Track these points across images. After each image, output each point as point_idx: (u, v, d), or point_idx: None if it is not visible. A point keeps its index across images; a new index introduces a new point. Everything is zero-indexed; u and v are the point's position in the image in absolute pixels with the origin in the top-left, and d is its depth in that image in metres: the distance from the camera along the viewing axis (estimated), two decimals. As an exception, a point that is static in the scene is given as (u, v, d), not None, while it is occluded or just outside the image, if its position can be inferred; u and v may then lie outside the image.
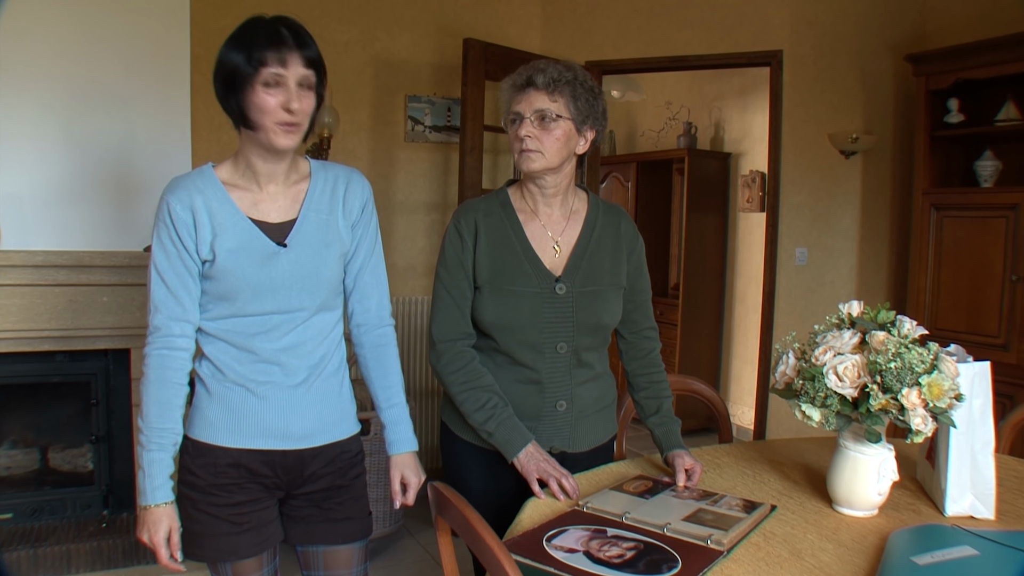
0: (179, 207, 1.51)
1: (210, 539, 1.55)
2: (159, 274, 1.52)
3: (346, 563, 1.68)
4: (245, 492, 1.56)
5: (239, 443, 1.55)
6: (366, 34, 3.88)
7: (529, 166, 1.72)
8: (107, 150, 3.01)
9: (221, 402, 1.56)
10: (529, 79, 1.71)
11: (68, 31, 2.91)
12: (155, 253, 1.52)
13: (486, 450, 1.78)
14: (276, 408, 1.57)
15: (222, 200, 1.53)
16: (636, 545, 1.36)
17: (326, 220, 1.61)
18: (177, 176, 1.56)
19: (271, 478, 1.58)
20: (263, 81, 1.44)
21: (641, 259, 1.90)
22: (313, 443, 1.61)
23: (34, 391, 3.14)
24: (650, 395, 1.90)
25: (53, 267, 2.84)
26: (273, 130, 1.47)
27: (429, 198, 4.14)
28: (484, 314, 1.75)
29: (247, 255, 1.52)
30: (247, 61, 1.44)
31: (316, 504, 1.64)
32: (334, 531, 1.66)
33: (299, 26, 1.50)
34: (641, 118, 6.39)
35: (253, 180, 1.57)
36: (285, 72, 1.44)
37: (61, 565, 2.85)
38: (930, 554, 1.31)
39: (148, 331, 1.54)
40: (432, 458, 4.14)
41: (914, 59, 3.75)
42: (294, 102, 1.45)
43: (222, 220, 1.52)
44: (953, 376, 1.45)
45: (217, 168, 1.57)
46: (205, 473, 1.54)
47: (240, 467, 1.55)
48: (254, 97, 1.45)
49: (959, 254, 3.63)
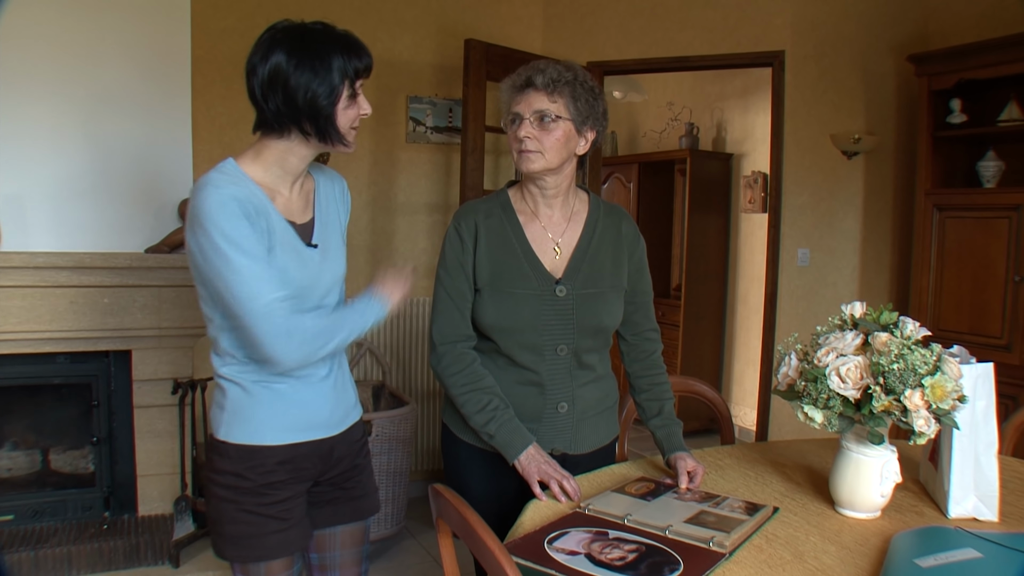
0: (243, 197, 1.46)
1: (259, 539, 1.56)
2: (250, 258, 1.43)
3: (359, 540, 1.77)
4: (290, 488, 1.59)
5: (288, 439, 1.57)
6: (367, 35, 3.81)
7: (528, 167, 1.71)
8: (108, 151, 3.01)
9: (266, 403, 1.56)
10: (528, 80, 1.70)
11: (69, 33, 2.92)
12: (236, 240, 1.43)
13: (487, 452, 1.78)
14: (316, 401, 1.62)
15: (264, 201, 1.51)
16: (638, 547, 1.35)
17: (333, 217, 1.68)
18: (216, 172, 1.48)
19: (310, 469, 1.62)
20: (351, 94, 1.52)
21: (642, 260, 1.89)
22: (342, 428, 1.68)
23: (35, 393, 3.14)
24: (651, 397, 1.89)
25: (54, 268, 2.84)
26: (349, 139, 1.55)
27: (430, 199, 4.13)
28: (484, 316, 1.75)
29: (294, 256, 1.54)
30: (341, 77, 1.49)
31: (339, 486, 1.71)
32: (356, 508, 1.74)
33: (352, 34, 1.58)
34: (643, 119, 6.38)
35: (281, 181, 1.57)
36: (363, 82, 1.55)
37: (62, 567, 2.85)
38: (933, 556, 1.30)
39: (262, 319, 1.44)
40: (433, 460, 4.13)
41: (916, 59, 3.74)
42: (364, 109, 1.57)
43: (271, 222, 1.51)
44: (956, 377, 1.44)
45: (242, 165, 1.53)
46: (254, 475, 1.55)
47: (287, 463, 1.58)
48: (347, 110, 1.52)
49: (961, 255, 3.62)
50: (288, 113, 1.48)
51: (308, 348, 1.50)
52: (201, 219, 1.43)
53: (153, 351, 3.08)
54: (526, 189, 1.81)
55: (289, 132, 1.51)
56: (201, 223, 1.43)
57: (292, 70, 1.46)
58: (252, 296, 1.43)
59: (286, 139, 1.52)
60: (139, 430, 3.11)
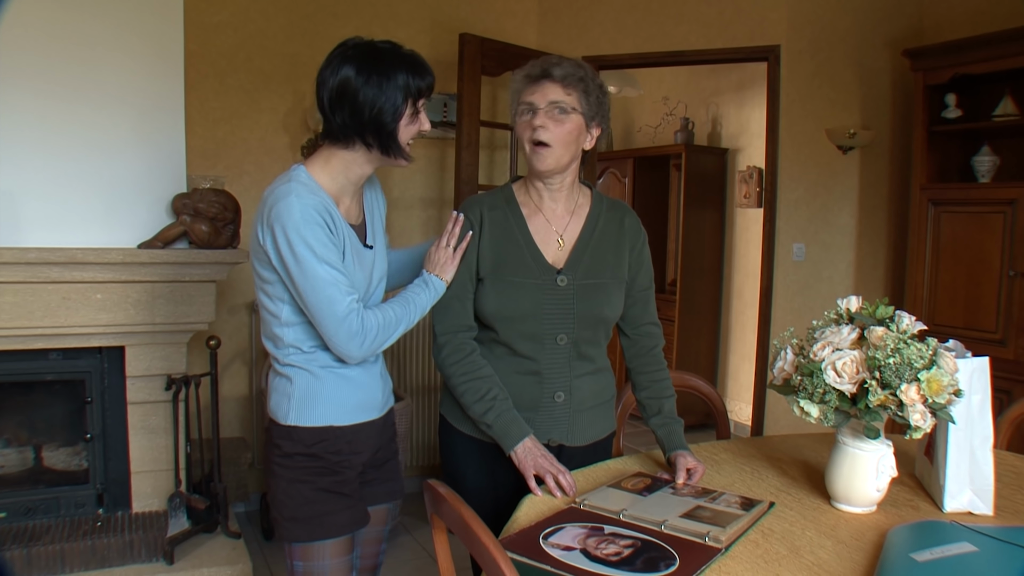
0: (323, 208, 1.57)
1: (333, 515, 1.65)
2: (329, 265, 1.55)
3: (384, 520, 1.86)
4: (353, 467, 1.70)
5: (353, 419, 1.68)
6: (362, 29, 3.79)
7: (541, 165, 1.74)
8: (100, 146, 2.98)
9: (333, 387, 1.66)
10: (545, 71, 1.74)
11: (61, 27, 2.89)
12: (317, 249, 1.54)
13: (484, 443, 1.79)
14: (371, 384, 1.73)
15: (334, 209, 1.61)
16: (633, 543, 1.35)
17: (378, 217, 1.80)
18: (295, 183, 1.57)
19: (366, 449, 1.73)
20: (414, 112, 1.61)
21: (643, 253, 1.90)
22: (386, 410, 1.80)
23: (28, 389, 3.12)
24: (652, 395, 1.89)
25: (46, 264, 2.82)
26: (407, 152, 1.65)
27: (425, 194, 4.12)
28: (486, 304, 1.77)
29: (356, 257, 1.65)
30: (405, 95, 1.58)
31: (377, 467, 1.81)
32: (388, 490, 1.84)
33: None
34: (638, 114, 6.37)
35: (345, 190, 1.67)
36: (424, 101, 1.63)
37: (55, 565, 2.83)
38: (929, 551, 1.30)
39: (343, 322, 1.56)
40: (428, 455, 4.13)
41: (912, 54, 3.74)
42: (424, 126, 1.66)
43: (340, 227, 1.61)
44: (952, 372, 1.44)
45: (312, 173, 1.62)
46: (327, 454, 1.65)
47: (352, 442, 1.68)
48: (408, 126, 1.61)
49: (956, 249, 3.62)
50: (353, 126, 1.58)
51: (378, 342, 1.63)
52: (285, 227, 1.53)
53: (147, 347, 3.07)
54: (531, 183, 1.84)
55: (354, 144, 1.61)
56: (284, 231, 1.53)
57: (360, 85, 1.56)
58: (331, 302, 1.55)
59: (351, 150, 1.62)
60: (133, 427, 3.10)
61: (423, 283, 1.75)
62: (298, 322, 1.63)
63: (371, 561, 1.87)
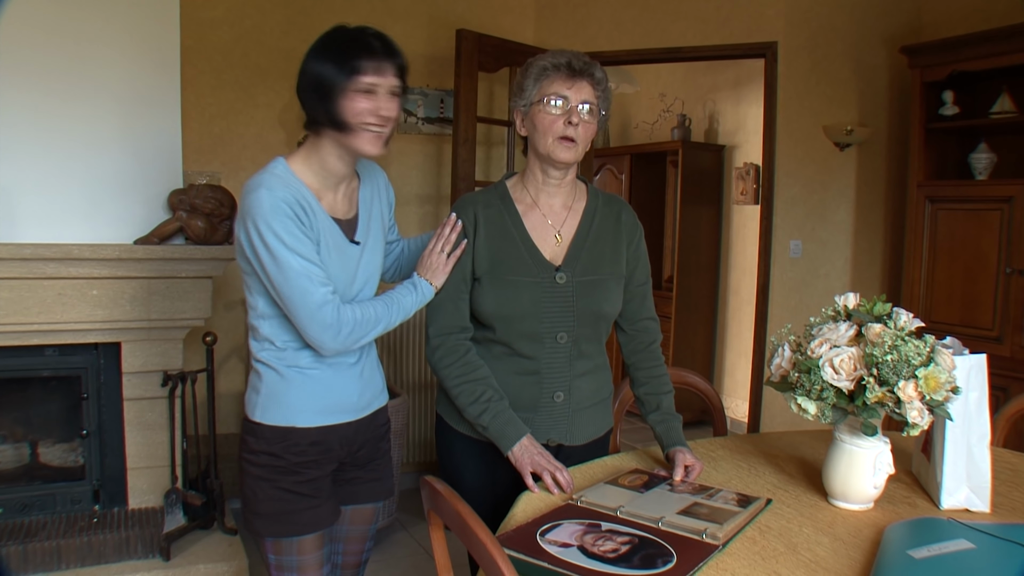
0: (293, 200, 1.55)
1: (293, 515, 1.65)
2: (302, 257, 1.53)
3: (369, 519, 1.86)
4: (320, 467, 1.69)
5: (319, 421, 1.67)
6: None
7: (565, 156, 1.72)
8: (96, 142, 2.97)
9: (299, 386, 1.66)
10: (585, 69, 1.73)
11: (57, 22, 2.88)
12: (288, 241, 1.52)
13: (482, 443, 1.78)
14: (345, 386, 1.71)
15: (312, 199, 1.60)
16: (631, 539, 1.34)
17: (376, 213, 1.77)
18: (267, 175, 1.57)
19: (337, 451, 1.72)
20: (357, 88, 1.54)
21: (641, 249, 1.90)
22: (367, 412, 1.77)
23: (24, 385, 3.11)
24: (650, 391, 1.89)
25: (41, 260, 2.81)
26: (362, 137, 1.57)
27: (422, 190, 4.11)
28: (484, 304, 1.75)
29: (336, 252, 1.63)
30: (342, 70, 1.53)
31: (361, 467, 1.80)
32: (373, 490, 1.83)
33: (388, 37, 1.61)
34: (635, 110, 6.37)
35: (327, 182, 1.65)
36: (379, 80, 1.56)
37: (51, 561, 2.83)
38: (926, 547, 1.30)
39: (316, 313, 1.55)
40: (425, 452, 4.13)
41: (909, 51, 3.74)
42: (384, 109, 1.57)
43: (319, 219, 1.60)
44: (949, 369, 1.44)
45: (291, 166, 1.62)
46: (288, 454, 1.64)
47: (319, 444, 1.67)
48: (349, 104, 1.54)
49: (953, 247, 3.63)
50: (307, 104, 1.59)
51: (353, 337, 1.61)
52: (255, 219, 1.53)
53: (143, 343, 3.06)
54: (531, 176, 1.81)
55: (319, 128, 1.60)
56: (255, 223, 1.53)
57: (312, 62, 1.57)
58: (304, 293, 1.54)
59: (320, 136, 1.61)
60: (129, 423, 3.09)
61: (411, 285, 1.73)
62: (272, 315, 1.63)
63: (355, 558, 1.87)
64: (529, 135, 1.78)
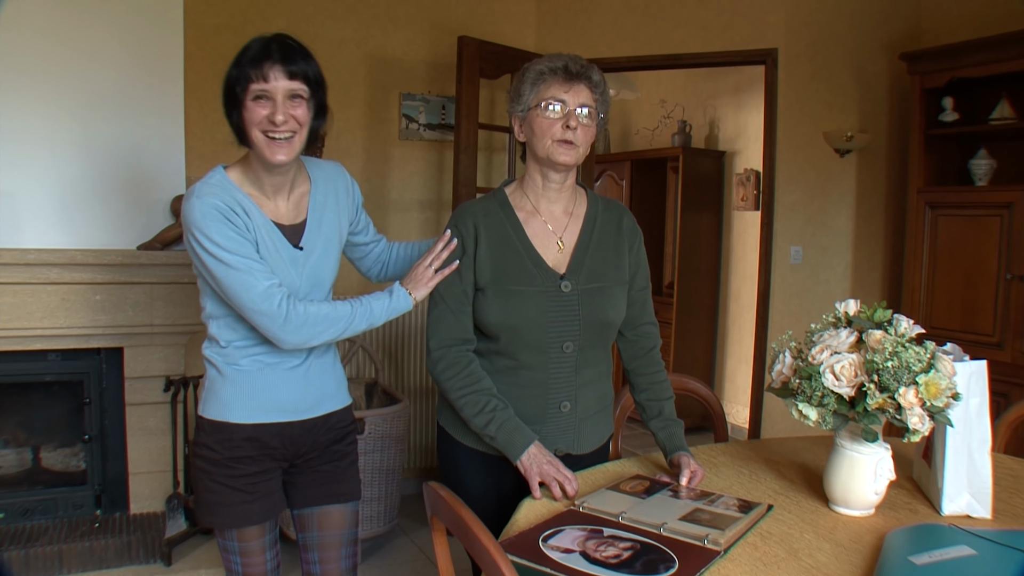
0: (223, 205, 1.58)
1: (225, 507, 1.70)
2: (238, 255, 1.56)
3: (339, 523, 1.85)
4: (257, 464, 1.71)
5: (253, 419, 1.70)
6: (360, 32, 3.87)
7: (565, 159, 1.71)
8: (100, 148, 2.99)
9: (234, 383, 1.70)
10: (583, 72, 1.71)
11: (61, 29, 2.90)
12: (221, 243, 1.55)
13: (485, 453, 1.77)
14: (284, 386, 1.72)
15: (249, 204, 1.62)
16: (633, 545, 1.35)
17: (330, 219, 1.75)
18: (202, 183, 1.61)
19: (280, 449, 1.74)
20: (252, 96, 1.55)
21: (641, 253, 1.89)
22: (316, 413, 1.77)
23: (26, 390, 3.12)
24: (651, 396, 1.88)
25: (45, 265, 2.82)
26: (264, 144, 1.57)
27: (423, 196, 4.12)
28: (489, 315, 1.72)
29: (276, 257, 1.65)
30: (237, 79, 1.56)
31: (316, 469, 1.81)
32: (332, 492, 1.83)
33: (290, 42, 1.58)
34: (636, 116, 6.38)
35: (263, 187, 1.67)
36: (268, 86, 1.54)
37: (53, 565, 2.83)
38: (927, 554, 1.31)
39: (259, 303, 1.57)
40: (426, 458, 4.13)
41: (909, 58, 3.75)
42: (279, 114, 1.55)
43: (256, 223, 1.62)
44: (950, 375, 1.45)
45: (229, 174, 1.65)
46: (221, 448, 1.69)
47: (254, 440, 1.70)
48: (245, 112, 1.56)
49: (954, 253, 3.63)
50: (226, 116, 1.61)
51: (308, 330, 1.62)
52: (190, 227, 1.57)
53: (145, 348, 3.07)
54: (530, 182, 1.80)
55: (240, 139, 1.63)
56: (190, 231, 1.58)
57: (226, 74, 1.60)
58: (246, 287, 1.57)
59: (248, 147, 1.63)
60: (131, 428, 3.10)
61: (387, 293, 1.74)
62: (218, 316, 1.68)
63: (333, 566, 1.85)
64: (527, 140, 1.76)
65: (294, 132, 1.58)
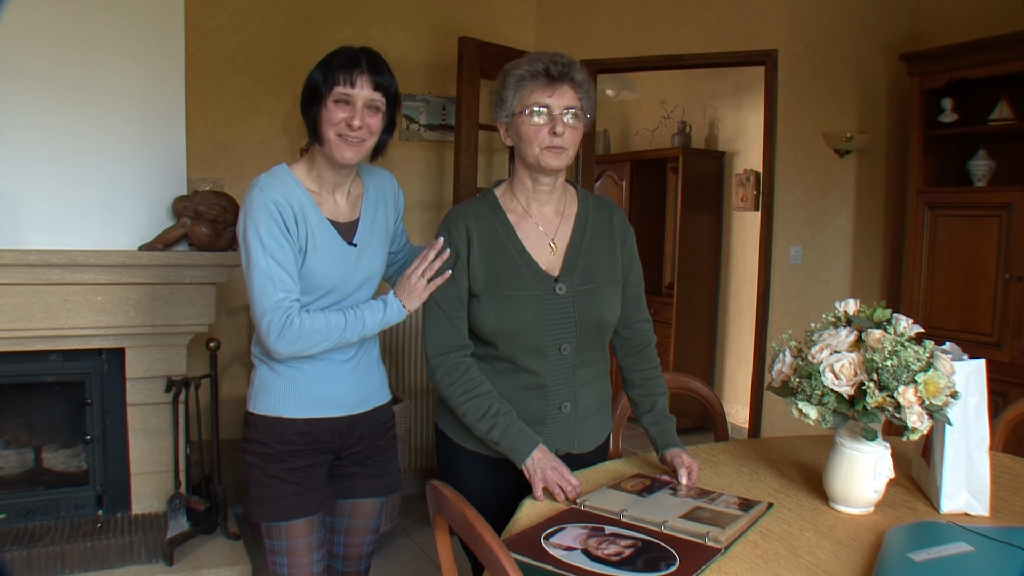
0: (283, 202, 1.64)
1: (279, 500, 1.74)
2: (272, 258, 1.62)
3: (369, 513, 1.92)
4: (307, 457, 1.77)
5: (305, 413, 1.75)
6: (361, 32, 3.87)
7: (555, 164, 1.70)
8: (101, 148, 2.99)
9: (287, 379, 1.75)
10: (566, 73, 1.68)
11: (62, 29, 2.90)
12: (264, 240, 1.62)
13: (485, 455, 1.77)
14: (334, 381, 1.78)
15: (307, 201, 1.69)
16: (634, 543, 1.36)
17: (380, 220, 1.84)
18: (266, 175, 1.68)
19: (329, 443, 1.79)
20: (334, 97, 1.64)
21: (633, 251, 1.88)
22: (362, 409, 1.84)
23: (28, 391, 3.13)
24: (644, 392, 1.89)
25: (46, 266, 2.82)
26: (336, 143, 1.66)
27: (424, 197, 4.13)
28: (485, 321, 1.72)
29: (329, 253, 1.71)
30: (323, 81, 1.64)
31: (360, 462, 1.87)
32: (375, 485, 1.90)
33: (378, 55, 1.70)
34: (635, 117, 6.39)
35: (325, 187, 1.75)
36: (352, 91, 1.64)
37: (55, 566, 2.84)
38: (926, 551, 1.32)
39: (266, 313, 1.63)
40: (427, 458, 4.13)
41: (908, 59, 3.76)
42: (356, 119, 1.64)
43: (311, 221, 1.69)
44: (949, 374, 1.45)
45: (293, 170, 1.72)
46: (275, 443, 1.74)
47: (305, 435, 1.76)
48: (324, 112, 1.65)
49: (953, 253, 3.64)
50: (303, 112, 1.69)
51: (302, 344, 1.66)
52: (244, 214, 1.65)
53: (147, 349, 3.07)
54: (520, 185, 1.79)
55: (312, 136, 1.70)
56: (244, 217, 1.65)
57: (310, 75, 1.68)
58: (263, 292, 1.63)
59: (316, 145, 1.71)
60: (132, 428, 3.10)
61: (381, 303, 1.76)
62: None
63: (356, 551, 1.93)
64: (515, 145, 1.74)
65: (365, 138, 1.68)
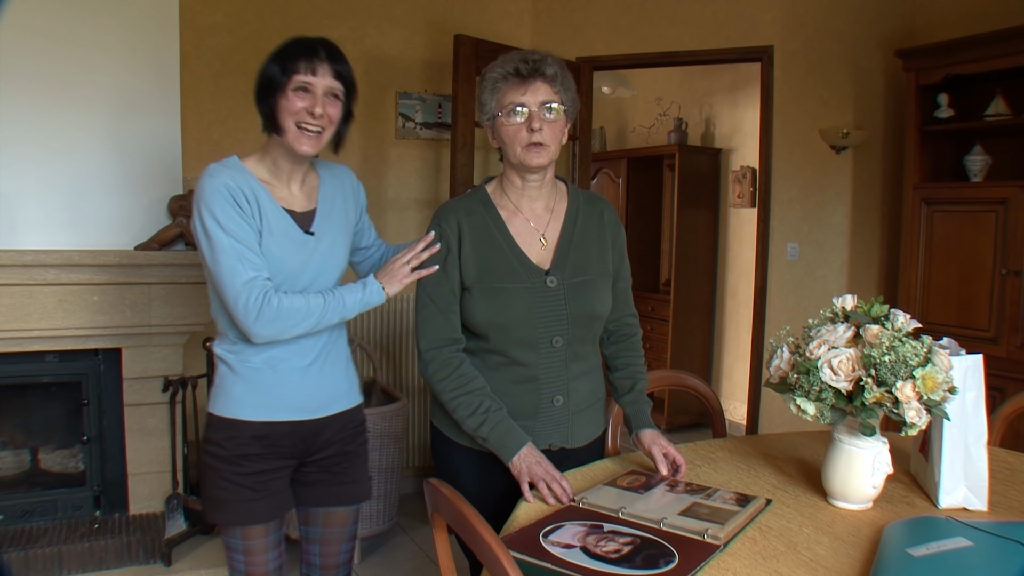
0: (234, 186, 1.62)
1: (232, 505, 1.70)
2: (235, 239, 1.59)
3: (343, 522, 1.88)
4: (265, 462, 1.72)
5: (263, 416, 1.71)
6: (356, 31, 3.87)
7: (538, 161, 1.71)
8: (96, 148, 2.99)
9: (245, 380, 1.71)
10: (536, 69, 1.69)
11: (57, 29, 2.89)
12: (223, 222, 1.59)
13: (480, 452, 1.77)
14: (294, 383, 1.73)
15: (260, 189, 1.66)
16: (633, 540, 1.36)
17: (339, 211, 1.80)
18: (217, 164, 1.66)
19: (290, 448, 1.75)
20: (294, 86, 1.61)
21: (623, 247, 1.90)
22: (326, 412, 1.79)
23: (24, 392, 3.12)
24: (625, 375, 1.91)
25: (42, 267, 2.82)
26: (295, 135, 1.63)
27: (420, 195, 4.13)
28: (477, 314, 1.73)
29: (285, 241, 1.67)
30: (281, 71, 1.61)
31: (327, 469, 1.82)
32: (344, 493, 1.85)
33: (335, 45, 1.66)
34: (632, 114, 6.39)
35: (278, 176, 1.72)
36: (313, 79, 1.62)
37: (52, 567, 2.83)
38: (925, 546, 1.32)
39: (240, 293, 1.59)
40: (425, 456, 4.13)
41: (904, 54, 3.76)
42: (317, 107, 1.62)
43: (265, 208, 1.66)
44: (947, 369, 1.45)
45: (244, 161, 1.70)
46: (230, 445, 1.70)
47: (263, 438, 1.71)
48: (283, 101, 1.62)
49: (949, 248, 3.64)
50: (259, 104, 1.67)
51: (281, 324, 1.63)
52: (197, 203, 1.62)
53: (143, 349, 3.07)
54: (509, 183, 1.80)
55: (269, 130, 1.68)
56: (197, 207, 1.62)
57: (264, 66, 1.66)
58: (232, 273, 1.59)
59: (272, 136, 1.69)
60: (129, 428, 3.10)
61: (361, 284, 1.74)
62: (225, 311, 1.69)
63: (332, 560, 1.90)
64: (500, 146, 1.77)
65: (324, 128, 1.66)
